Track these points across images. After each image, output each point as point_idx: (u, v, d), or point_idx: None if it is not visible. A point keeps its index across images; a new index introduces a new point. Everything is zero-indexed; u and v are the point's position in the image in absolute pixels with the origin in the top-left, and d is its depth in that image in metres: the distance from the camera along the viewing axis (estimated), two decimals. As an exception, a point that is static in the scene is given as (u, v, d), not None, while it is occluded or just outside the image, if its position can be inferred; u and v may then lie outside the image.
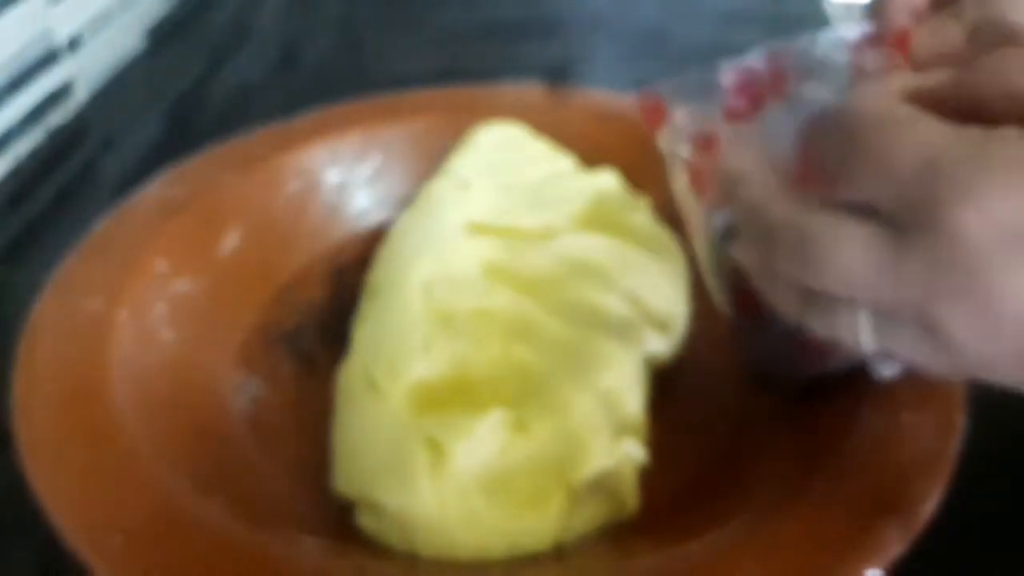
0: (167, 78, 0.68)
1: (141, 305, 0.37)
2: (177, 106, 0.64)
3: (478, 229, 0.39)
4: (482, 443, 0.30)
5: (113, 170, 0.57)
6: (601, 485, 0.31)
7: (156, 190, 0.43)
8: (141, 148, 0.59)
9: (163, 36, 0.73)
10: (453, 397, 0.33)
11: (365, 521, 0.31)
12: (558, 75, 0.66)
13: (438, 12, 0.78)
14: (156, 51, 0.72)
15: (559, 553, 0.31)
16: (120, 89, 0.66)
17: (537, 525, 0.30)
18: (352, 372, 0.34)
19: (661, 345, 0.37)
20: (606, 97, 0.52)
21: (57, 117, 0.60)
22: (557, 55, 0.69)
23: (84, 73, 0.63)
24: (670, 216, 0.42)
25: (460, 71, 0.66)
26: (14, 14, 0.55)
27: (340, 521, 0.32)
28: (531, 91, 0.52)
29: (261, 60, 0.72)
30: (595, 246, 0.39)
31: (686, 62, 0.29)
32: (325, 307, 0.42)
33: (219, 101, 0.65)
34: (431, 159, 0.45)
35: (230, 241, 0.42)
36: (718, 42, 0.70)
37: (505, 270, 0.37)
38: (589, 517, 0.31)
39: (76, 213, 0.52)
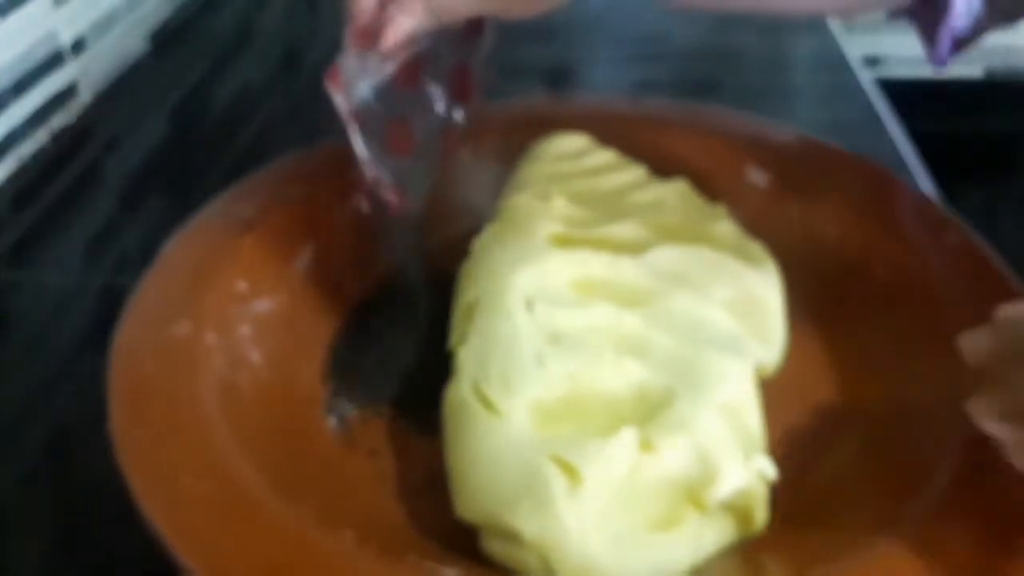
0: (171, 80, 0.68)
1: (226, 327, 0.37)
2: (180, 108, 0.65)
3: (567, 241, 0.38)
4: (614, 464, 0.29)
5: (117, 171, 0.58)
6: (731, 503, 0.30)
7: (223, 205, 0.42)
8: (144, 150, 0.59)
9: (167, 39, 0.74)
10: (570, 415, 0.32)
11: (494, 547, 0.30)
12: (558, 77, 0.66)
13: (439, 15, 0.79)
14: (160, 54, 0.72)
15: (696, 574, 0.30)
16: (124, 91, 0.66)
17: (674, 546, 0.29)
18: (462, 391, 0.33)
19: (766, 355, 0.36)
20: (666, 106, 0.50)
21: (61, 119, 0.60)
22: (557, 58, 0.69)
23: (88, 75, 0.64)
24: (747, 223, 0.41)
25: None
26: (19, 16, 0.56)
27: (459, 545, 0.31)
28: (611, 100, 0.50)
29: (264, 63, 0.72)
30: (689, 257, 0.38)
31: (685, 64, 0.29)
32: (404, 322, 0.41)
33: (222, 103, 0.65)
34: (494, 171, 0.45)
35: (303, 257, 0.42)
36: (716, 44, 0.71)
37: (602, 283, 0.37)
38: (718, 536, 0.30)
39: (80, 214, 0.52)
